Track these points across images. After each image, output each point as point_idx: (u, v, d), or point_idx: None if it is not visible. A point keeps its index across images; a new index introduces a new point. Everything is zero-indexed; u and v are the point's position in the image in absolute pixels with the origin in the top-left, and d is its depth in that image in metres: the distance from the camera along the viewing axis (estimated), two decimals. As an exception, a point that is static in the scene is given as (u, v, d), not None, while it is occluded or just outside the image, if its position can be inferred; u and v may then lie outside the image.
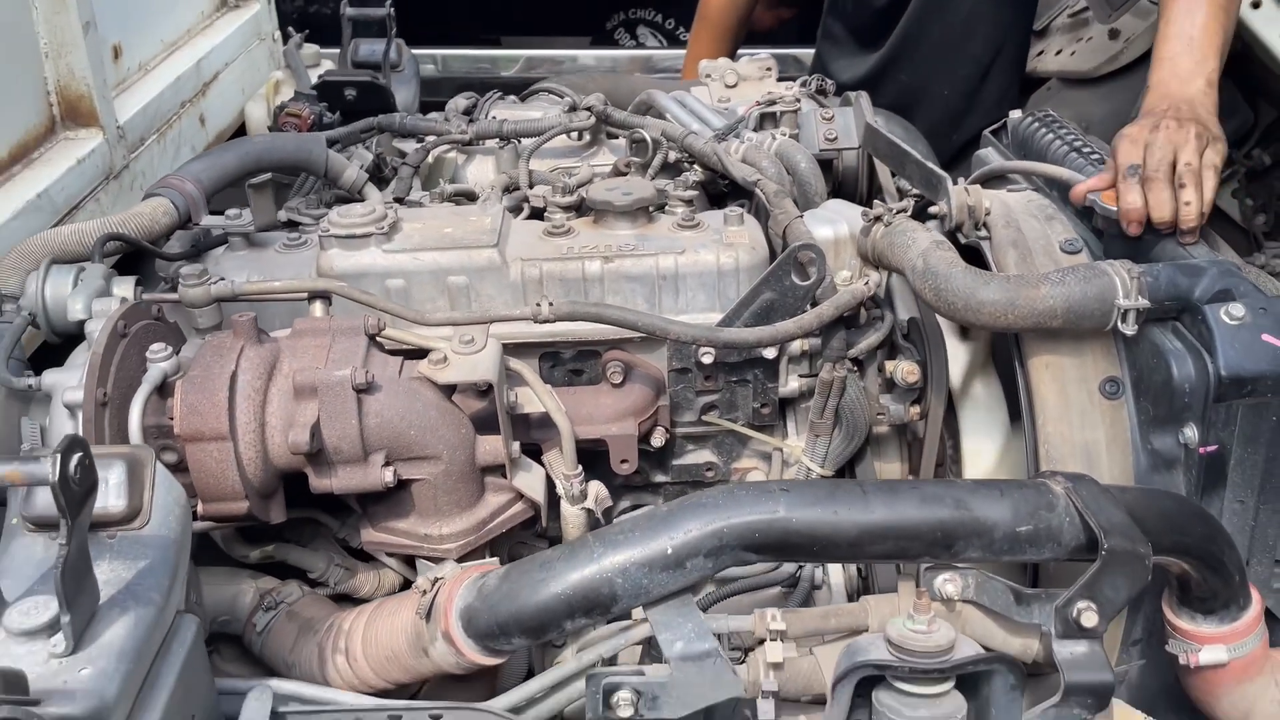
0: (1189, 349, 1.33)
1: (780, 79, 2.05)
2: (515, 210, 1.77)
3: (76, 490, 0.87)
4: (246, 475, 1.24)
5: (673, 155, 1.77)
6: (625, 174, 1.69)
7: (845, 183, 1.92)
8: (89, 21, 1.95)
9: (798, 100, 1.87)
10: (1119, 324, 1.32)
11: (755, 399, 1.59)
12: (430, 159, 1.80)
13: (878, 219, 1.49)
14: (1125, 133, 1.53)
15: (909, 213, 1.50)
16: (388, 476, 1.30)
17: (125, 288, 1.35)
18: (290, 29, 2.79)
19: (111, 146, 2.01)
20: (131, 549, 1.01)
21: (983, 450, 1.58)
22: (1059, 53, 2.64)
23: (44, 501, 1.01)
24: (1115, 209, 1.48)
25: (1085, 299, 1.32)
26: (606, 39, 4.42)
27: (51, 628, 0.92)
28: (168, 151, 2.28)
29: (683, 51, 4.40)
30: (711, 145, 1.70)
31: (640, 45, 4.40)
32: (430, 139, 1.83)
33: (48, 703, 0.87)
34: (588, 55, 4.22)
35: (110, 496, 0.99)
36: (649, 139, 1.74)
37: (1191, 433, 1.33)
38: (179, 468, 1.25)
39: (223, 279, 1.38)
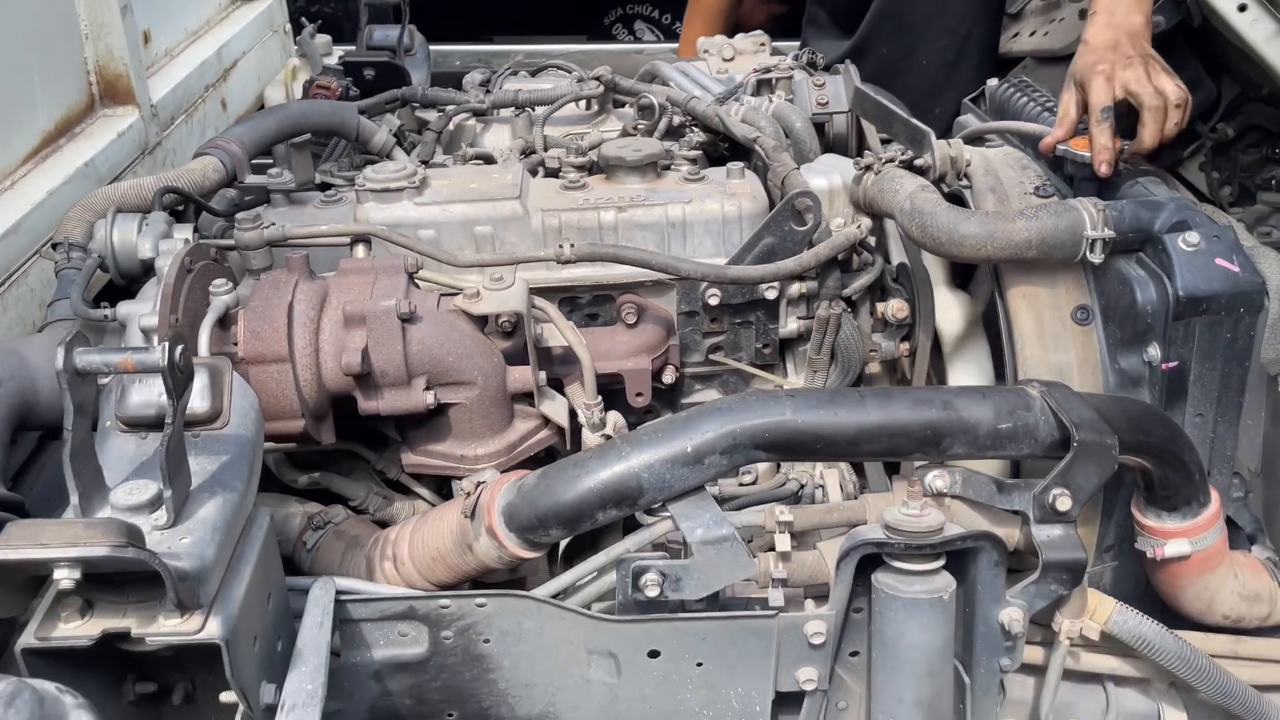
0: (1151, 275, 1.47)
1: (773, 55, 2.20)
2: (532, 172, 1.91)
3: (180, 376, 1.00)
4: (303, 395, 1.37)
5: (676, 119, 1.91)
6: (632, 134, 1.83)
7: (836, 146, 2.07)
8: (126, 5, 2.08)
9: (791, 68, 2.02)
10: (1088, 254, 1.46)
11: (757, 339, 1.73)
12: (451, 126, 1.94)
13: (868, 168, 1.63)
14: (1085, 73, 1.65)
15: (896, 162, 1.64)
16: (429, 399, 1.43)
17: (186, 232, 1.48)
18: (304, 19, 2.92)
19: (146, 124, 2.14)
20: (215, 445, 1.14)
21: (967, 374, 1.73)
22: (1033, 34, 2.79)
23: (137, 401, 1.14)
24: (1086, 154, 1.62)
25: (1057, 231, 1.47)
26: (604, 34, 4.56)
27: (154, 504, 1.05)
28: (194, 131, 2.41)
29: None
30: (713, 108, 1.85)
31: (637, 40, 4.54)
32: (451, 108, 1.96)
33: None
34: (583, 50, 4.37)
35: (196, 399, 1.12)
36: (655, 103, 1.88)
37: (1155, 351, 1.47)
38: (240, 393, 1.37)
39: (274, 224, 1.51)
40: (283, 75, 2.65)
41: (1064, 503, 1.26)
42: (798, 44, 3.10)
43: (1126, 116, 1.64)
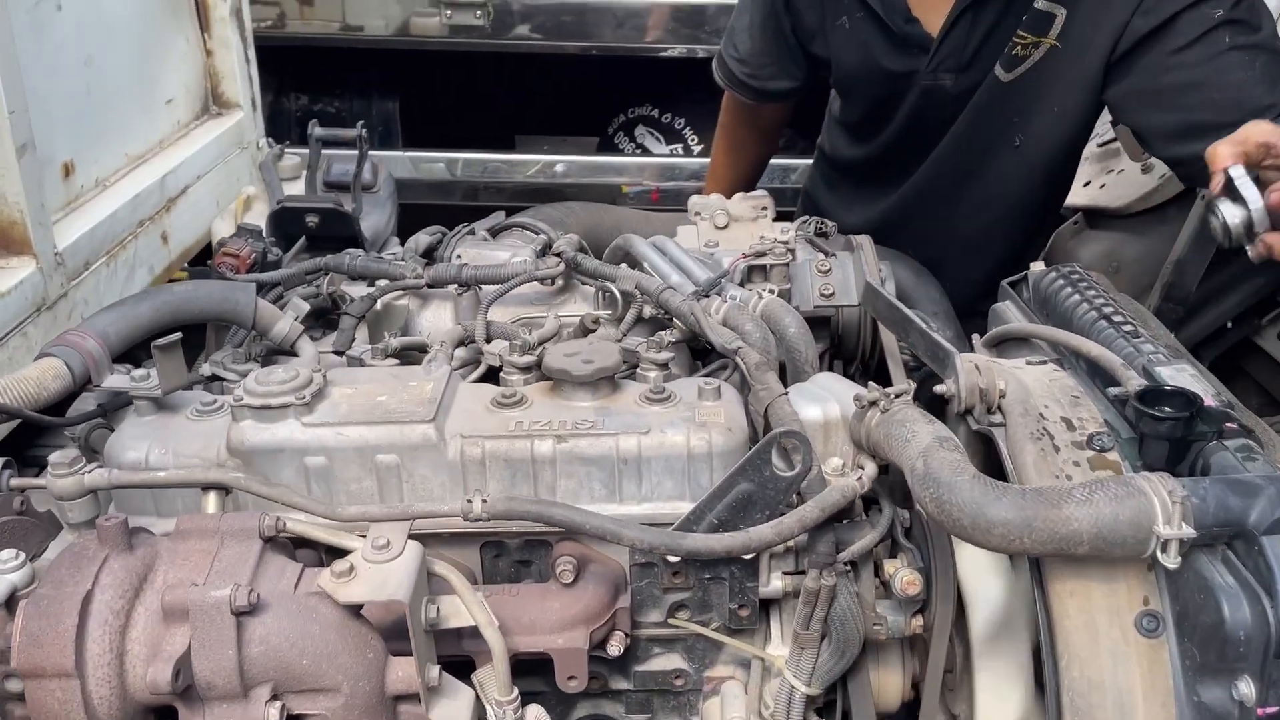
0: (1243, 586, 1.10)
1: (777, 218, 1.87)
2: (472, 364, 1.58)
3: None
4: (97, 717, 1.03)
5: (648, 310, 1.57)
6: (593, 329, 1.50)
7: (845, 339, 1.72)
8: (26, 143, 1.80)
9: (790, 251, 1.68)
10: (1158, 554, 1.10)
11: (732, 599, 1.37)
12: (379, 306, 1.62)
13: (873, 403, 1.28)
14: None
15: (909, 397, 1.29)
16: (273, 714, 1.08)
17: (-12, 472, 1.16)
18: (270, 140, 2.65)
19: (46, 276, 1.85)
20: None
21: (998, 670, 1.35)
22: (1086, 184, 2.45)
23: None
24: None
25: (1117, 523, 1.10)
26: (609, 147, 4.31)
27: None
28: (119, 274, 2.12)
29: (676, 148, 4.32)
30: (689, 304, 1.51)
31: (639, 146, 4.27)
32: (380, 284, 1.65)
33: None
34: (594, 162, 4.10)
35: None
36: (618, 294, 1.55)
37: (1247, 689, 1.09)
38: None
39: (100, 466, 1.19)
40: (233, 206, 2.36)
41: None
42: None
43: None
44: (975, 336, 1.71)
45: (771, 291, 1.59)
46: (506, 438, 1.34)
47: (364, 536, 1.20)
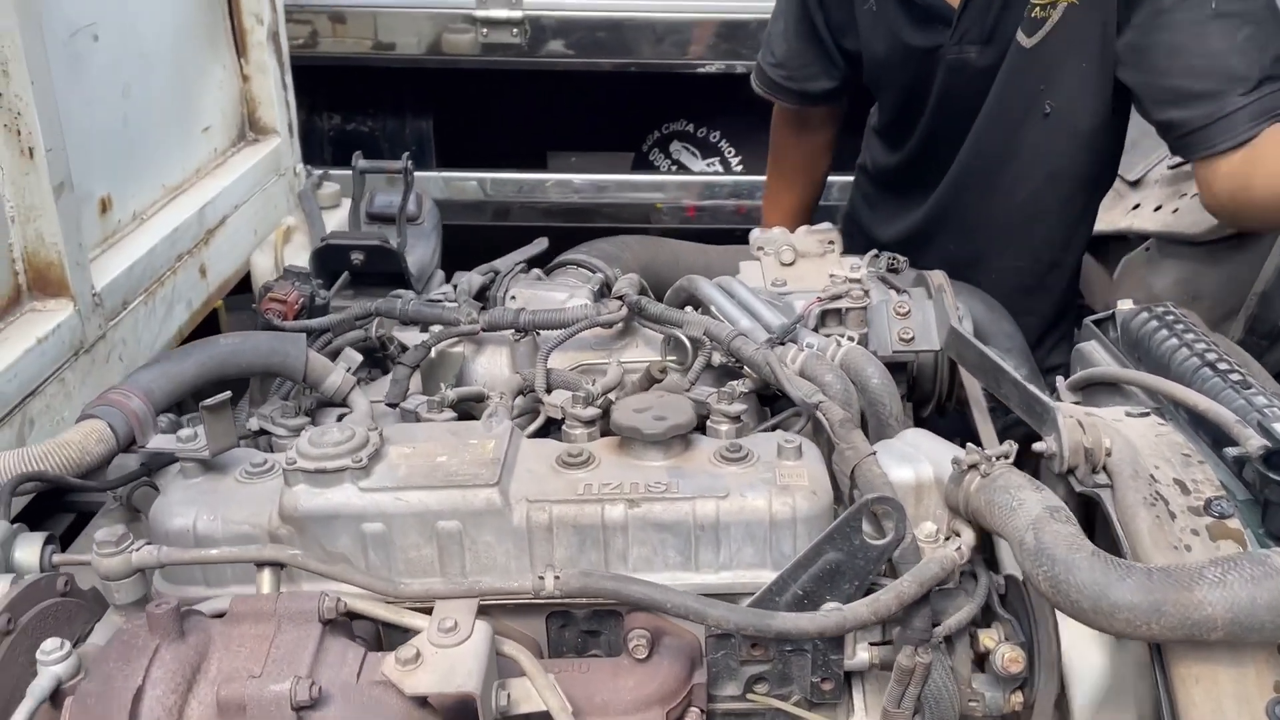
0: (1395, 676, 1.00)
1: (843, 254, 1.77)
2: (531, 414, 1.50)
3: None
4: (149, 823, 0.96)
5: (717, 358, 1.49)
6: (660, 379, 1.41)
7: (920, 383, 1.63)
8: (63, 182, 1.73)
9: (866, 293, 1.59)
10: (1301, 642, 1.00)
11: (814, 672, 1.28)
12: (433, 354, 1.54)
13: (973, 467, 1.19)
14: None
15: (1010, 459, 1.20)
16: (336, 816, 1.00)
17: (31, 550, 1.09)
18: (309, 168, 2.59)
19: (84, 317, 1.79)
20: None
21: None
22: (1158, 209, 2.34)
23: None
24: None
25: (1255, 608, 1.01)
26: (644, 163, 4.22)
27: None
28: (157, 312, 2.05)
29: (713, 162, 4.24)
30: (764, 353, 1.42)
31: (675, 163, 4.18)
32: (435, 330, 1.57)
33: None
34: (629, 180, 4.02)
35: None
36: (687, 341, 1.47)
37: (1398, 787, 0.99)
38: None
39: (147, 543, 1.11)
40: (273, 239, 2.30)
41: None
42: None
43: None
44: (1059, 379, 1.61)
45: (851, 339, 1.50)
46: (575, 502, 1.25)
47: (427, 610, 1.13)
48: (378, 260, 1.88)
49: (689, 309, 1.56)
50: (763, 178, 3.94)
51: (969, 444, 1.20)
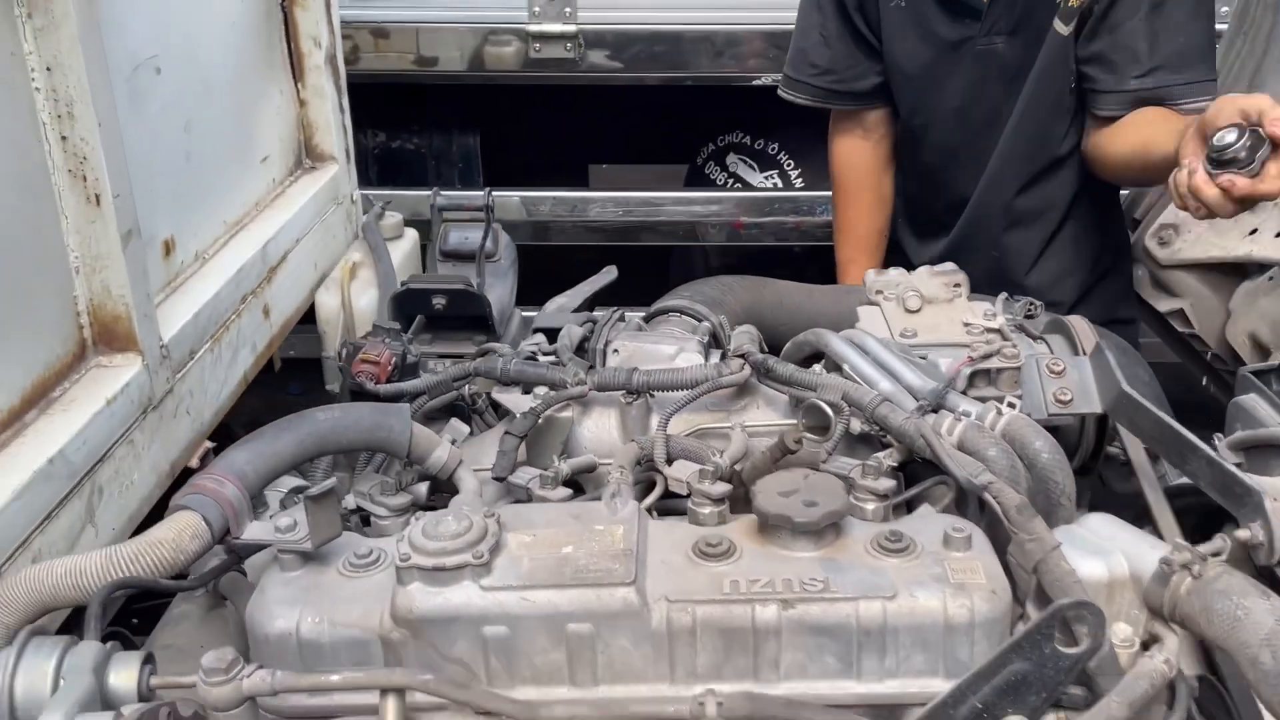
0: None
1: (971, 298, 1.63)
2: (646, 487, 1.36)
3: None
4: None
5: (857, 425, 1.35)
6: (795, 450, 1.27)
7: (1062, 443, 1.48)
8: (131, 229, 1.61)
9: (1016, 350, 1.44)
10: None
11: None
12: (540, 421, 1.40)
13: (1185, 567, 1.05)
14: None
15: (1224, 556, 1.06)
16: None
17: (128, 673, 0.96)
18: (370, 197, 2.46)
19: (152, 372, 1.66)
20: None
21: None
22: (1278, 235, 2.19)
23: None
24: None
25: None
26: (699, 176, 4.07)
27: None
28: (223, 359, 1.93)
29: (771, 174, 4.10)
30: (915, 423, 1.28)
31: (732, 175, 4.03)
32: (540, 394, 1.43)
33: None
34: (681, 199, 3.88)
35: None
36: (827, 409, 1.33)
37: None
38: None
39: (259, 667, 0.98)
40: (339, 276, 2.17)
41: None
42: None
43: None
44: (1218, 438, 1.47)
45: (1011, 405, 1.35)
46: (721, 603, 1.12)
47: None
48: (460, 304, 1.75)
49: (819, 369, 1.42)
50: (807, 193, 3.79)
51: (1177, 540, 1.06)
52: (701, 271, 4.10)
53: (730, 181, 3.99)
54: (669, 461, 1.32)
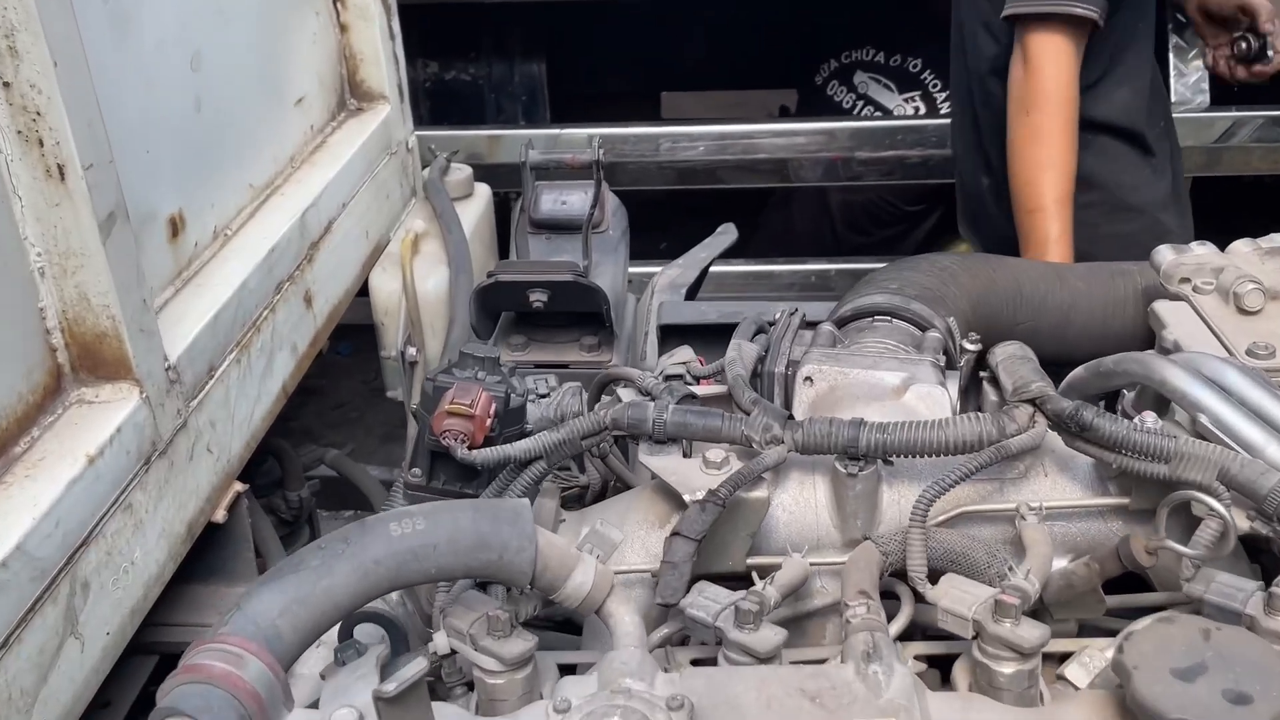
0: None
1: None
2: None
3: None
4: None
5: (1244, 522, 0.85)
6: (1148, 565, 0.79)
7: None
8: (114, 211, 1.14)
9: None
10: None
11: None
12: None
13: None
14: None
15: None
16: None
17: None
18: (432, 149, 1.97)
19: (155, 406, 1.21)
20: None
21: None
22: None
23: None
24: None
25: None
26: (818, 96, 3.48)
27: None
28: (254, 370, 1.48)
29: (913, 95, 3.51)
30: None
31: (862, 98, 3.43)
32: (732, 471, 0.93)
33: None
34: (777, 130, 3.31)
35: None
36: (1223, 511, 0.81)
37: None
38: None
39: None
40: (399, 252, 1.70)
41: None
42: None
43: None
44: None
45: None
46: None
47: None
48: (566, 298, 1.27)
49: (1161, 424, 0.91)
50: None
51: None
52: (806, 224, 3.57)
53: (860, 105, 3.40)
54: (931, 578, 0.84)
